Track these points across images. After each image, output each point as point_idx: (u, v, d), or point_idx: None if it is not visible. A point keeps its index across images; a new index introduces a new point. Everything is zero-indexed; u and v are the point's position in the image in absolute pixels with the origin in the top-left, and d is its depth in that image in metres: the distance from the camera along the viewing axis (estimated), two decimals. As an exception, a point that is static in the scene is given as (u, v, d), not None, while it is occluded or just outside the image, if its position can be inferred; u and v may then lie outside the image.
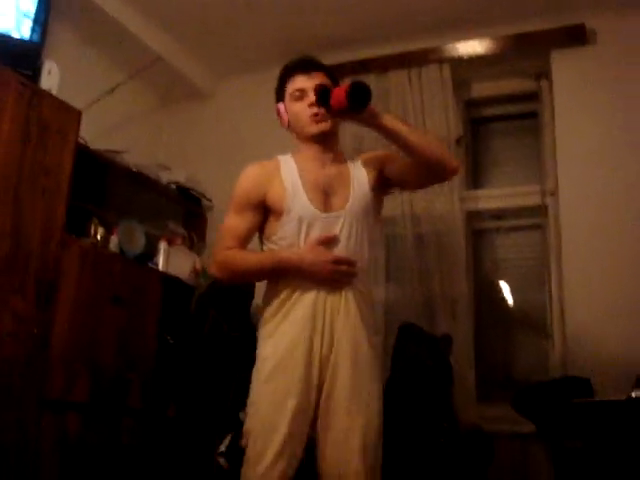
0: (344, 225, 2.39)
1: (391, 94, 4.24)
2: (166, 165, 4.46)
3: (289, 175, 2.45)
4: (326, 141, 2.50)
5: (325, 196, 2.42)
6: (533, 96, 4.24)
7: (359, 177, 2.48)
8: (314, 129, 2.46)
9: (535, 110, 4.24)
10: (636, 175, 3.70)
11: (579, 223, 3.78)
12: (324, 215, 2.39)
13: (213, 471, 3.35)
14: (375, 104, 4.21)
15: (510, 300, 4.22)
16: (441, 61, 4.16)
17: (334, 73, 2.61)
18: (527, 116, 4.38)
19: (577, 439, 2.79)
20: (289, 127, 2.58)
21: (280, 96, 2.58)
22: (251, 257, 2.46)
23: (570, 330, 3.72)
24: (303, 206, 2.39)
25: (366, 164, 2.53)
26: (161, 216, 4.32)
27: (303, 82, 2.48)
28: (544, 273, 4.00)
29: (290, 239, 2.40)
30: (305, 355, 2.30)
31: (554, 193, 3.95)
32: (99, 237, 3.60)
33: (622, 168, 3.74)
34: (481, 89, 4.38)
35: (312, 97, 2.41)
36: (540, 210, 4.04)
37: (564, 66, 4.00)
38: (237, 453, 3.30)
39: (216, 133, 4.71)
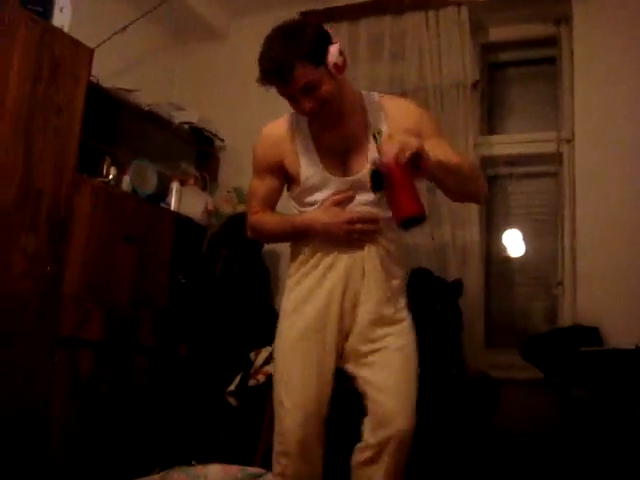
0: (364, 187, 2.27)
1: (407, 36, 4.17)
2: (179, 105, 4.43)
3: (303, 140, 2.38)
4: (331, 107, 2.29)
5: (342, 159, 2.35)
6: (552, 41, 4.17)
7: (380, 126, 2.31)
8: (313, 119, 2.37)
9: (554, 56, 4.18)
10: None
11: (594, 172, 3.75)
12: (341, 179, 2.33)
13: (223, 409, 3.41)
14: (391, 47, 4.20)
15: (522, 248, 4.21)
16: (459, 3, 4.08)
17: (305, 44, 2.23)
18: (545, 62, 4.31)
19: (584, 387, 2.81)
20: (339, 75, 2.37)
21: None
22: (272, 222, 2.45)
23: (581, 279, 3.72)
24: (319, 173, 2.34)
25: (389, 113, 2.37)
26: (173, 156, 4.31)
27: (286, 90, 2.27)
28: (557, 221, 3.99)
29: (310, 206, 2.38)
30: (326, 321, 2.31)
31: (570, 141, 3.91)
32: (111, 176, 3.59)
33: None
34: (499, 33, 4.30)
35: (305, 104, 2.23)
36: (555, 158, 4.01)
37: (585, 11, 3.92)
38: (246, 392, 3.36)
39: (229, 74, 4.66)
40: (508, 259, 4.21)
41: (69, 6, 3.31)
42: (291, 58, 2.18)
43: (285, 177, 2.43)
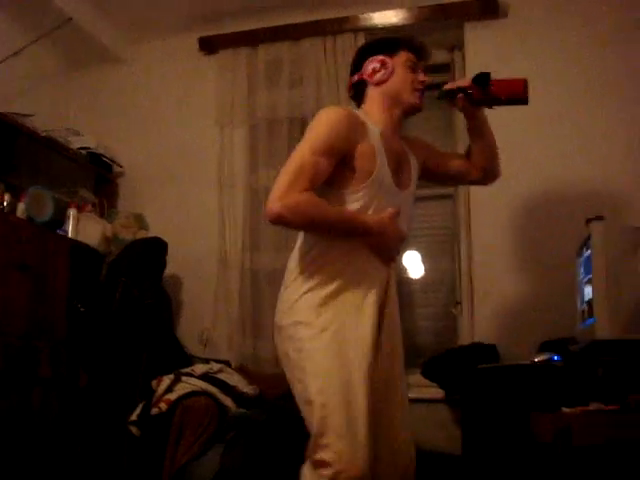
0: (406, 204, 2.41)
1: (306, 62, 4.22)
2: (76, 130, 4.35)
3: (374, 137, 2.33)
4: (408, 117, 2.52)
5: (398, 172, 2.39)
6: (446, 67, 4.29)
7: (413, 159, 2.51)
8: (415, 100, 2.47)
9: (447, 81, 4.27)
10: (544, 148, 3.80)
11: (488, 192, 3.84)
12: (398, 191, 2.37)
13: (125, 439, 3.34)
14: (290, 72, 4.24)
15: (421, 269, 4.29)
16: (356, 30, 4.16)
17: None
18: (439, 87, 4.41)
19: (484, 403, 2.87)
20: (380, 84, 2.47)
21: (386, 50, 2.50)
22: (330, 209, 2.23)
23: (478, 299, 3.82)
24: (386, 176, 2.32)
25: (413, 149, 2.55)
26: (71, 182, 4.22)
27: (421, 62, 2.56)
28: (454, 242, 4.09)
29: (364, 203, 2.28)
30: (370, 324, 2.26)
31: (465, 163, 4.02)
32: (6, 203, 3.51)
33: (530, 141, 3.83)
34: (395, 60, 4.39)
35: (424, 76, 2.52)
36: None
37: (477, 38, 4.06)
38: (148, 421, 3.30)
39: (128, 99, 4.62)
40: (408, 280, 4.28)
41: (-41, 30, 3.23)
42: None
43: (342, 168, 2.28)
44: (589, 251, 2.70)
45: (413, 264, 4.29)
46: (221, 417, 3.24)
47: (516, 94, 2.52)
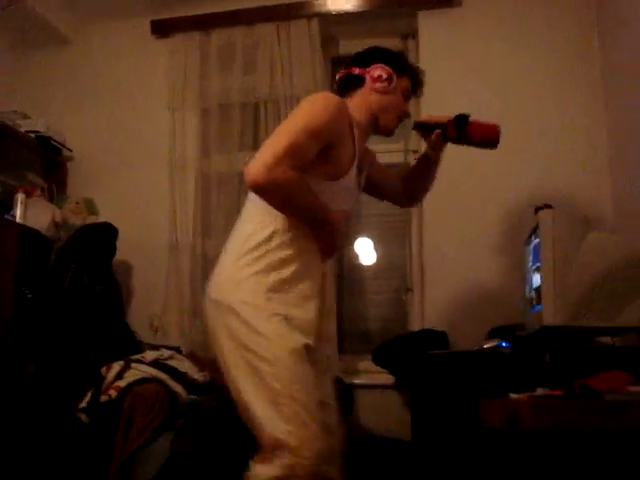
0: (354, 205, 2.56)
1: (259, 48, 4.20)
2: (24, 113, 4.28)
3: (355, 136, 2.45)
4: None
5: (358, 174, 2.51)
6: (399, 55, 4.30)
7: (366, 164, 2.62)
8: (394, 127, 2.61)
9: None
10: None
11: (439, 180, 3.87)
12: (357, 192, 2.55)
13: (74, 426, 3.31)
14: (243, 57, 4.22)
15: (372, 255, 4.31)
16: (309, 16, 4.15)
17: None
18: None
19: (433, 389, 2.90)
20: (377, 92, 2.53)
21: (396, 67, 2.56)
22: (311, 195, 2.25)
23: (428, 286, 3.85)
24: (353, 177, 2.44)
25: (366, 153, 2.61)
26: (19, 166, 4.14)
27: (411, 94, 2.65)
28: (406, 229, 4.11)
29: (327, 197, 2.32)
30: (314, 313, 2.34)
31: (416, 151, 4.04)
32: (-49, 187, 3.44)
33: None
34: (349, 46, 4.39)
35: (408, 107, 2.62)
36: (403, 167, 4.13)
37: (430, 27, 4.08)
38: (97, 408, 3.27)
39: (77, 81, 4.54)
40: (359, 266, 4.30)
41: None
42: None
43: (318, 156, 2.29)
44: (537, 239, 2.74)
45: (364, 250, 4.31)
46: (171, 404, 3.22)
47: (490, 139, 2.65)
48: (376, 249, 4.31)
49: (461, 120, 2.60)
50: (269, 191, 2.16)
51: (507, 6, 4.00)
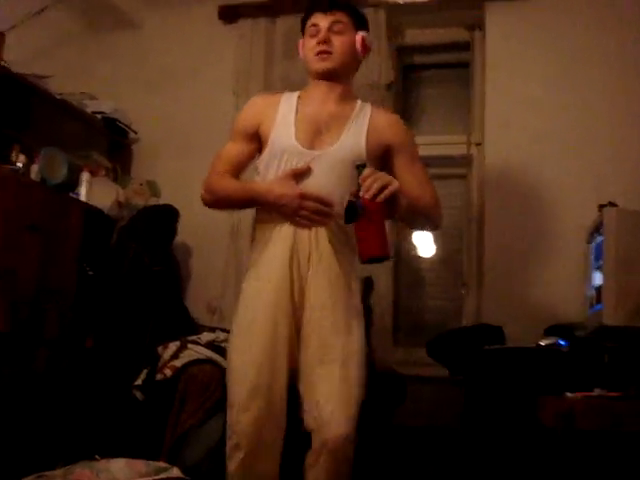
0: (322, 164, 2.36)
1: (326, 35, 4.19)
2: (92, 94, 4.35)
3: (286, 108, 2.47)
4: (332, 79, 2.49)
5: (317, 133, 2.41)
6: (466, 46, 4.26)
7: (359, 125, 2.46)
8: (318, 66, 2.48)
9: (467, 60, 4.27)
10: (561, 131, 3.78)
11: (502, 175, 3.85)
12: (306, 151, 2.38)
13: (129, 403, 3.37)
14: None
15: (430, 247, 4.29)
16: (376, 5, 4.13)
17: (359, 12, 2.61)
18: (458, 66, 4.41)
19: (488, 384, 2.88)
20: (304, 63, 2.60)
21: (303, 31, 2.60)
22: (232, 185, 2.46)
23: (486, 280, 3.81)
24: (287, 139, 2.41)
25: (372, 123, 2.49)
26: (85, 146, 4.22)
27: (319, 19, 2.50)
28: (465, 223, 4.08)
29: (270, 171, 2.41)
30: (277, 297, 2.34)
31: (479, 144, 4.01)
32: (20, 164, 3.51)
33: (547, 123, 3.81)
34: (415, 36, 4.37)
35: (322, 35, 2.46)
36: (465, 160, 4.10)
37: (498, 18, 4.02)
38: (152, 386, 3.33)
39: (145, 64, 4.59)
40: (417, 258, 4.29)
41: (-21, -12, 3.22)
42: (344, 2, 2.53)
43: (260, 144, 2.48)
44: (601, 237, 2.69)
45: (422, 242, 4.29)
46: (225, 386, 3.26)
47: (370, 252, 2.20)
48: (435, 241, 4.29)
49: (351, 212, 2.20)
50: (205, 199, 2.53)
51: (580, -2, 3.91)
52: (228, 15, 4.45)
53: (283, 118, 2.45)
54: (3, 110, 3.30)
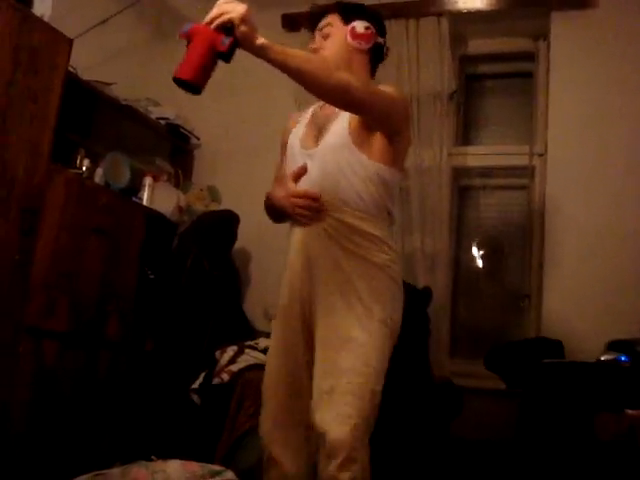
0: (318, 160, 2.35)
1: (387, 44, 4.19)
2: (156, 100, 4.42)
3: (305, 117, 2.53)
4: None
5: (319, 133, 2.41)
6: (530, 56, 4.23)
7: (344, 113, 2.38)
8: None
9: (530, 70, 4.23)
10: (625, 144, 3.72)
11: (565, 187, 3.80)
12: (304, 151, 2.40)
13: (186, 406, 3.41)
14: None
15: (490, 259, 4.25)
16: (439, 14, 4.12)
17: (346, 6, 2.55)
18: (522, 76, 4.37)
19: (546, 398, 2.84)
20: None
21: None
22: (268, 199, 2.51)
23: (547, 293, 3.76)
24: (293, 143, 2.46)
25: None
26: (148, 151, 4.30)
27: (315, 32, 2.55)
28: (526, 234, 4.03)
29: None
30: (291, 293, 2.38)
31: (542, 155, 3.97)
32: (85, 168, 3.58)
33: (612, 135, 3.75)
34: (478, 45, 4.35)
35: (317, 45, 2.48)
36: (527, 171, 4.05)
37: (563, 28, 3.98)
38: (209, 390, 3.36)
39: (208, 72, 4.65)
40: (476, 269, 4.25)
41: (50, -5, 3.29)
42: (330, 6, 2.52)
43: None
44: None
45: (482, 253, 4.25)
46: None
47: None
48: (495, 252, 4.24)
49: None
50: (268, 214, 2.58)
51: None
52: (291, 23, 4.49)
53: (299, 126, 2.51)
54: (69, 115, 3.37)
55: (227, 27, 1.97)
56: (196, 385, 3.40)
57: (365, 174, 2.31)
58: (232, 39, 1.98)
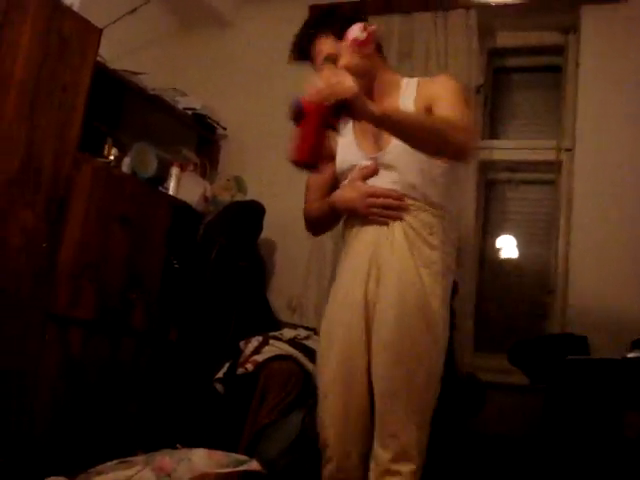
0: (390, 160, 2.29)
1: (415, 36, 4.18)
2: (183, 91, 4.43)
3: (345, 125, 2.43)
4: (365, 90, 2.26)
5: (375, 139, 2.35)
6: (558, 50, 4.19)
7: (407, 97, 2.35)
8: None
9: (559, 64, 4.20)
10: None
11: (592, 182, 3.77)
12: (373, 156, 2.33)
13: (210, 395, 3.42)
14: (399, 46, 4.17)
15: (516, 253, 4.23)
16: (468, 7, 4.09)
17: (330, 19, 2.47)
18: (550, 70, 4.33)
19: (570, 395, 2.83)
20: None
21: None
22: (315, 207, 2.51)
23: (572, 288, 3.73)
24: (354, 156, 2.37)
25: (420, 89, 2.38)
26: (175, 141, 4.31)
27: (313, 63, 2.48)
28: (552, 229, 4.01)
29: (340, 185, 2.42)
30: (353, 294, 2.27)
31: (570, 150, 3.93)
32: (112, 157, 3.60)
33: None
34: (506, 38, 4.32)
35: (325, 79, 2.19)
36: (554, 166, 4.03)
37: (593, 22, 3.93)
38: (233, 380, 3.37)
39: (235, 62, 4.67)
40: (502, 263, 4.23)
41: (79, -15, 3.31)
42: (312, 32, 2.41)
43: None
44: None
45: (508, 248, 4.23)
46: (305, 382, 3.28)
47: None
48: (520, 247, 4.23)
49: (295, 111, 2.04)
50: (309, 230, 2.64)
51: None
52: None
53: (345, 134, 2.43)
54: (98, 105, 3.39)
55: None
56: (220, 375, 3.42)
57: (438, 171, 2.30)
58: (345, 113, 2.00)
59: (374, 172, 2.30)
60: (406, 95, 2.37)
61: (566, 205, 3.89)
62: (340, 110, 1.97)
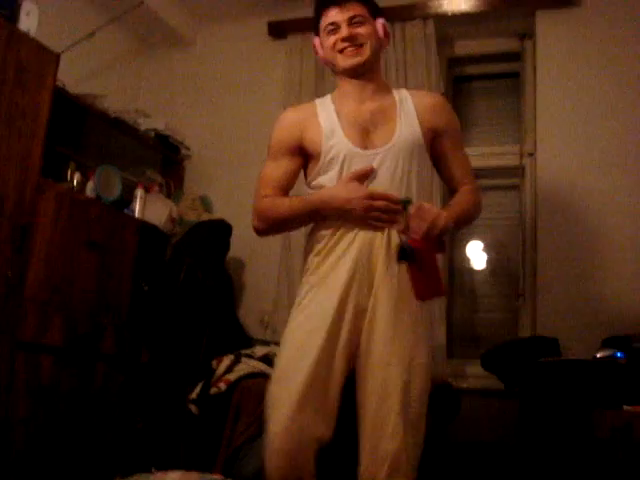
0: (386, 161, 2.27)
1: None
2: (145, 112, 4.43)
3: (326, 115, 2.38)
4: (364, 74, 2.41)
5: (365, 133, 2.33)
6: (516, 56, 4.25)
7: (408, 113, 2.37)
8: (348, 63, 2.39)
9: (517, 70, 4.25)
10: (613, 140, 3.73)
11: (556, 185, 3.81)
12: (364, 152, 2.29)
13: (184, 417, 3.40)
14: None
15: (484, 259, 4.26)
16: (425, 17, 4.13)
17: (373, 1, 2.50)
18: (509, 76, 4.38)
19: (544, 397, 2.85)
20: (326, 63, 2.50)
21: (316, 30, 2.50)
22: (286, 204, 2.35)
23: (541, 291, 3.77)
24: (341, 144, 2.31)
25: (420, 110, 2.39)
26: (139, 163, 4.30)
27: (335, 15, 2.40)
28: (519, 233, 4.04)
29: (331, 182, 2.31)
30: (340, 300, 2.21)
31: (532, 154, 3.98)
32: (76, 182, 3.57)
33: (601, 132, 3.77)
34: (464, 47, 4.37)
35: (344, 31, 2.36)
36: (518, 171, 4.06)
37: (549, 27, 3.99)
38: (207, 400, 3.36)
39: (197, 81, 4.67)
40: (471, 270, 4.26)
41: (36, 11, 3.28)
42: None
43: (304, 158, 2.40)
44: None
45: (476, 254, 4.26)
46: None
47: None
48: (488, 253, 4.25)
49: (404, 253, 2.13)
50: (258, 228, 2.43)
51: (631, 6, 3.86)
52: (277, 31, 4.51)
53: (329, 124, 2.35)
54: (59, 129, 3.37)
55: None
56: (193, 395, 3.39)
57: (426, 182, 2.37)
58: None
59: (371, 172, 2.27)
60: (405, 111, 2.38)
61: (531, 209, 3.92)
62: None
